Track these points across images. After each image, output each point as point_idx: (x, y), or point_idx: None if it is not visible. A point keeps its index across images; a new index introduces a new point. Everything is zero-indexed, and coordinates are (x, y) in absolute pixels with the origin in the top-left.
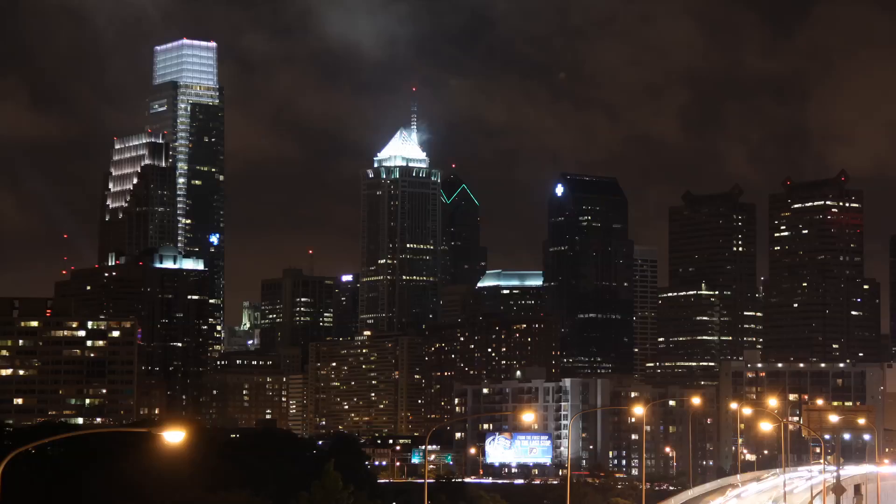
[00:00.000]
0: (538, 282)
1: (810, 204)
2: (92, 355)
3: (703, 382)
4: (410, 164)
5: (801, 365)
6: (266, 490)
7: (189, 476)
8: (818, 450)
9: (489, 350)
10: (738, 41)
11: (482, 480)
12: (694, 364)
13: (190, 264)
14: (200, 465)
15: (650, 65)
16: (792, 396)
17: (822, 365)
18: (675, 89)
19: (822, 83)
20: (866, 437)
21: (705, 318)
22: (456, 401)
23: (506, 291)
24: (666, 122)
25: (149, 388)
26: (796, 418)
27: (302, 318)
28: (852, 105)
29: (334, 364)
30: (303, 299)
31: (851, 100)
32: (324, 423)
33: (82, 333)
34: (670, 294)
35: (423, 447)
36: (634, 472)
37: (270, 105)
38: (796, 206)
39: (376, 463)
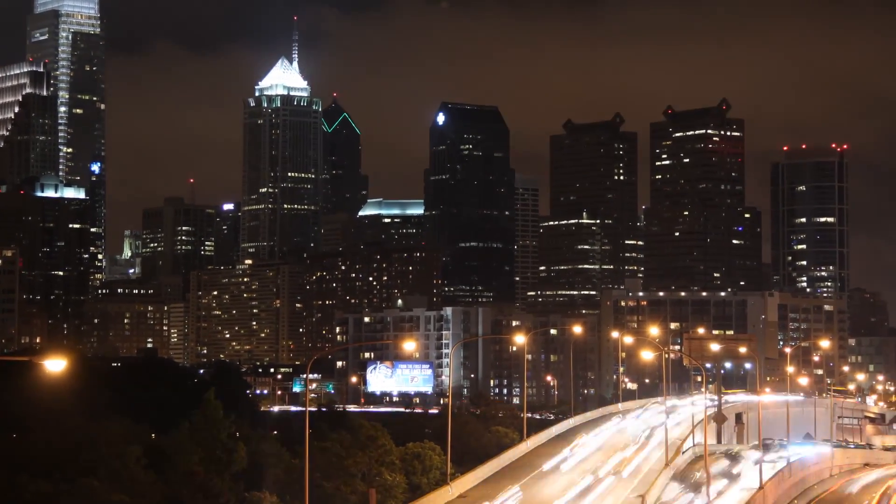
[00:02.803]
0: (419, 210)
1: (691, 133)
2: None
3: (584, 311)
4: (292, 93)
5: (683, 294)
6: (147, 419)
7: (70, 405)
8: (699, 378)
9: (370, 279)
10: None
11: (364, 409)
12: (575, 293)
13: (71, 193)
14: (81, 395)
15: None
16: (673, 325)
17: (704, 294)
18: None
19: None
20: (747, 365)
21: (586, 246)
22: (337, 329)
23: (387, 220)
24: (548, 51)
25: (30, 317)
26: (677, 347)
27: (183, 247)
28: (736, 35)
29: (216, 293)
30: (184, 228)
31: (735, 29)
32: (205, 351)
33: None
34: (551, 223)
35: (305, 376)
36: (516, 400)
37: (151, 32)
38: (677, 134)
39: (258, 392)
